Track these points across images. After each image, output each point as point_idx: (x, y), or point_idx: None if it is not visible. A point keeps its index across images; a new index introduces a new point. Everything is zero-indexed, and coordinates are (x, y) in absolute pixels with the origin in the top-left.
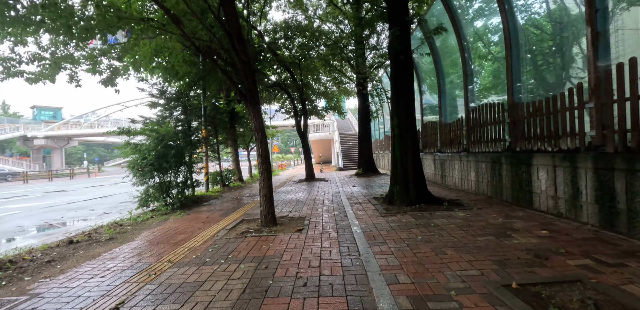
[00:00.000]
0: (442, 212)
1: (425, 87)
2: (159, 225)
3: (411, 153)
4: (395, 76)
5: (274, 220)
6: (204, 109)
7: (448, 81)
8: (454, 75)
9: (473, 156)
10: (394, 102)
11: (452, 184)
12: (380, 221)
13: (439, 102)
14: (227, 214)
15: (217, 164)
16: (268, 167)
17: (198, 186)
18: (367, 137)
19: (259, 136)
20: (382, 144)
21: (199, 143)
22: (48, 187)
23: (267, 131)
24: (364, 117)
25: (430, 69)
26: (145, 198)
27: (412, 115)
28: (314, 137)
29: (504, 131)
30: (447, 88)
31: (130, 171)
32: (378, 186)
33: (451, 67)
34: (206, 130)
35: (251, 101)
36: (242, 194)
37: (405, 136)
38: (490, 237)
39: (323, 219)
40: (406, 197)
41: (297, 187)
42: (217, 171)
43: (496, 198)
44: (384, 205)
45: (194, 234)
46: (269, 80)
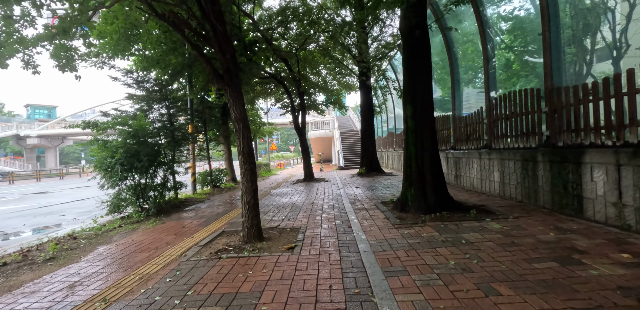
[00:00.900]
0: (470, 222)
1: (433, 79)
2: (122, 237)
3: (428, 149)
4: (409, 56)
5: (260, 234)
6: (190, 102)
7: (462, 70)
8: (469, 63)
9: (497, 153)
10: (408, 87)
11: (469, 185)
12: (394, 235)
13: (452, 94)
14: (208, 223)
15: (206, 163)
16: (252, 168)
17: (181, 188)
18: (370, 133)
19: (240, 128)
20: (386, 142)
21: (185, 140)
22: (32, 188)
23: (264, 128)
24: (366, 113)
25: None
26: (116, 203)
27: (429, 104)
28: (314, 134)
29: (540, 123)
30: (462, 78)
31: (98, 172)
32: (384, 187)
33: (466, 54)
34: (193, 126)
35: (229, 83)
36: (233, 197)
37: (421, 129)
38: (553, 263)
39: (321, 232)
40: (423, 203)
41: (294, 188)
42: (206, 171)
43: (530, 203)
44: (395, 212)
45: (158, 251)
46: (265, 73)
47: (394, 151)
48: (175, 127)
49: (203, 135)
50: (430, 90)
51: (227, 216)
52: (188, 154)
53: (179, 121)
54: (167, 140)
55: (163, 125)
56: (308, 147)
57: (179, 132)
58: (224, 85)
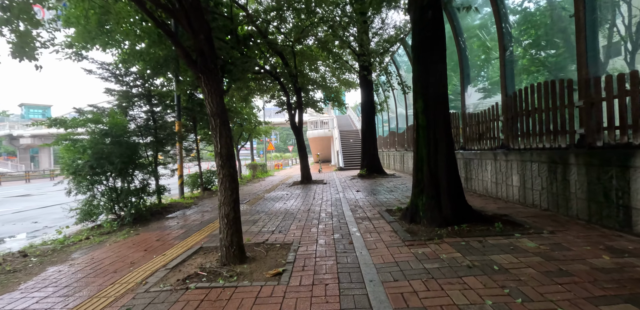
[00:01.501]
0: (497, 239)
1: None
2: (83, 254)
3: (443, 150)
4: (420, 42)
5: (242, 253)
6: (178, 99)
7: (472, 63)
8: (474, 59)
9: (517, 154)
10: (418, 78)
11: (481, 189)
12: (406, 256)
13: (461, 89)
14: (188, 234)
15: (197, 164)
16: (231, 173)
17: (164, 193)
18: (372, 133)
19: (217, 125)
20: (387, 142)
21: (171, 140)
22: (17, 190)
23: (260, 128)
24: (367, 111)
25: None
26: (87, 210)
27: (444, 97)
28: (312, 134)
29: (572, 119)
30: (472, 72)
31: (65, 175)
32: (387, 191)
33: (472, 50)
34: (180, 124)
35: (203, 69)
36: None
37: (434, 126)
38: (628, 306)
39: (317, 249)
40: (437, 214)
41: (290, 191)
42: (196, 173)
43: (559, 213)
44: (404, 223)
45: (116, 276)
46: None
47: (396, 151)
48: (159, 125)
49: (191, 134)
50: (445, 81)
51: (212, 226)
52: (175, 155)
53: (166, 119)
54: (151, 139)
55: (145, 124)
56: (305, 147)
57: (164, 131)
58: (196, 71)
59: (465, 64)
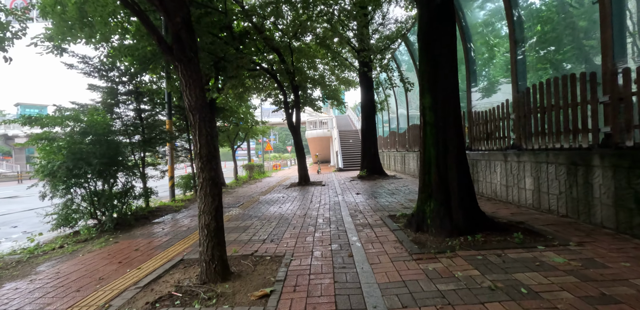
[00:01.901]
0: (517, 252)
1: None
2: (50, 267)
3: (454, 151)
4: (428, 32)
5: (225, 269)
6: (168, 96)
7: (478, 58)
8: (486, 50)
9: (530, 155)
10: (426, 71)
11: (489, 192)
12: (415, 273)
13: (467, 87)
14: (171, 243)
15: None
16: (213, 177)
17: (151, 195)
18: (372, 132)
19: (197, 121)
20: (387, 142)
21: (160, 139)
22: (5, 191)
23: (257, 127)
24: (367, 110)
25: None
26: (65, 215)
27: (454, 92)
28: (311, 134)
29: (595, 116)
30: (478, 68)
31: (39, 178)
32: (388, 194)
33: (481, 38)
34: (171, 123)
35: (180, 57)
36: None
37: (444, 124)
38: None
39: (312, 263)
40: (448, 222)
41: (287, 194)
42: (189, 174)
43: (580, 220)
44: (409, 232)
45: (78, 297)
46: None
47: (397, 152)
48: (148, 124)
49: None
50: (455, 74)
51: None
52: (166, 155)
53: (157, 118)
54: (138, 138)
55: (131, 122)
56: (304, 148)
57: (155, 130)
58: (172, 60)
59: (471, 60)
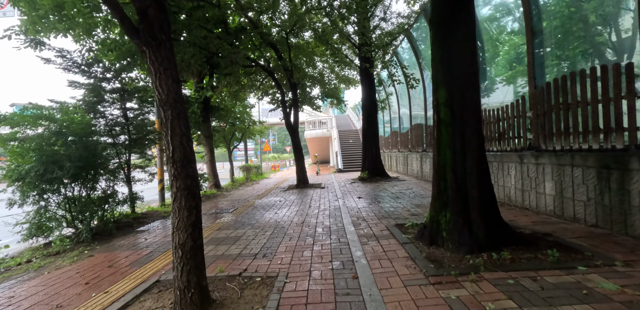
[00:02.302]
0: (554, 274)
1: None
2: (5, 290)
3: (473, 153)
4: (442, 12)
5: (203, 297)
6: None
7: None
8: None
9: (551, 156)
10: (440, 61)
11: (503, 197)
12: (436, 305)
13: None
14: (151, 257)
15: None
16: (189, 186)
17: (135, 201)
18: (374, 133)
19: (169, 118)
20: (389, 142)
21: (148, 140)
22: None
23: (254, 128)
24: (369, 108)
25: None
26: (38, 224)
27: (474, 83)
28: (310, 134)
29: (633, 113)
30: (487, 66)
31: (7, 182)
32: (392, 198)
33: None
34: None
35: (148, 40)
36: (209, 209)
37: (462, 121)
38: None
39: (310, 287)
40: (467, 235)
41: (284, 197)
42: None
43: (614, 230)
44: (422, 246)
45: None
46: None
47: (399, 152)
48: (133, 124)
49: None
50: (475, 61)
51: None
52: (155, 157)
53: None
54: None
55: (115, 122)
56: (302, 148)
57: (142, 130)
58: (139, 44)
59: (482, 56)
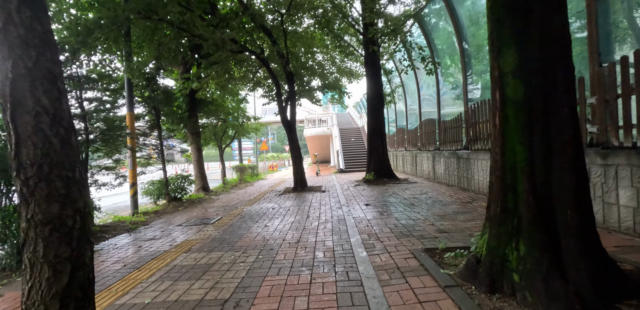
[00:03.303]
0: None
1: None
2: None
3: (566, 149)
4: None
5: None
6: (128, 84)
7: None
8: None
9: (630, 155)
10: (507, 9)
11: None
12: None
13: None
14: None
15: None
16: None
17: (94, 212)
18: (380, 129)
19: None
20: (394, 140)
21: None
22: None
23: (249, 125)
24: (375, 102)
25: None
26: None
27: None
28: (309, 133)
29: None
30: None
31: None
32: (407, 205)
33: None
34: (132, 117)
35: None
36: (185, 219)
37: (546, 100)
38: None
39: None
40: (559, 284)
41: (279, 203)
42: (161, 180)
43: None
44: (477, 294)
45: None
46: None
47: (406, 151)
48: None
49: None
50: (565, 9)
51: (135, 276)
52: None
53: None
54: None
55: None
56: (300, 147)
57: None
58: None
59: None
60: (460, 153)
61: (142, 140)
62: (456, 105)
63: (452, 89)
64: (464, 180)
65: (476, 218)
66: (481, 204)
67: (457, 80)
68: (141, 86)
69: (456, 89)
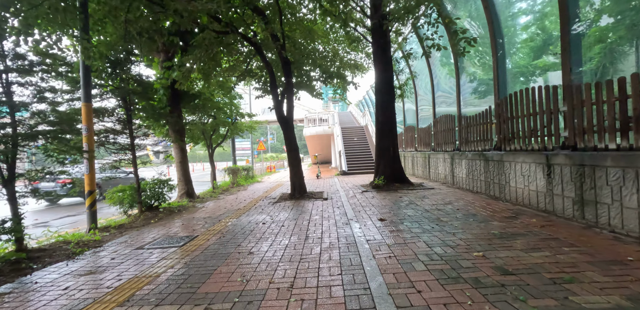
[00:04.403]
0: None
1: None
2: None
3: None
4: None
5: None
6: (85, 69)
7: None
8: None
9: None
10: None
11: (631, 225)
12: None
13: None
14: None
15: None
16: None
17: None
18: (391, 126)
19: None
20: (402, 140)
21: (51, 133)
22: None
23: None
24: (385, 94)
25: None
26: None
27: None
28: (309, 132)
29: None
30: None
31: None
32: (433, 221)
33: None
34: (89, 108)
35: None
36: (151, 238)
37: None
38: None
39: None
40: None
41: (271, 215)
42: (132, 186)
43: None
44: None
45: None
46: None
47: (416, 152)
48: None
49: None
50: None
51: None
52: (77, 157)
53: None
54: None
55: None
56: (298, 147)
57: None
58: None
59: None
60: (489, 154)
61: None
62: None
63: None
64: (494, 187)
65: (541, 245)
66: (531, 221)
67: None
68: (106, 74)
69: (473, 82)
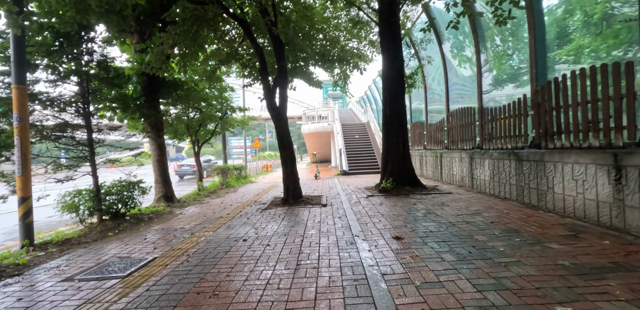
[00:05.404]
0: None
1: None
2: None
3: None
4: None
5: None
6: (16, 42)
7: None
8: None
9: None
10: None
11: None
12: None
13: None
14: None
15: (89, 172)
16: None
17: None
18: (400, 119)
19: None
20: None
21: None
22: None
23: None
24: (393, 83)
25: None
26: None
27: None
28: (308, 129)
29: None
30: None
31: None
32: (467, 244)
33: None
34: (25, 94)
35: None
36: (101, 260)
37: None
38: None
39: None
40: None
41: (256, 228)
42: (90, 190)
43: None
44: None
45: None
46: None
47: (426, 151)
48: None
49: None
50: None
51: None
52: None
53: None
54: None
55: None
56: (292, 144)
57: None
58: None
59: None
60: (523, 153)
61: (69, 131)
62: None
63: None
64: (531, 193)
65: None
66: (603, 243)
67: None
68: (54, 52)
69: (490, 71)
